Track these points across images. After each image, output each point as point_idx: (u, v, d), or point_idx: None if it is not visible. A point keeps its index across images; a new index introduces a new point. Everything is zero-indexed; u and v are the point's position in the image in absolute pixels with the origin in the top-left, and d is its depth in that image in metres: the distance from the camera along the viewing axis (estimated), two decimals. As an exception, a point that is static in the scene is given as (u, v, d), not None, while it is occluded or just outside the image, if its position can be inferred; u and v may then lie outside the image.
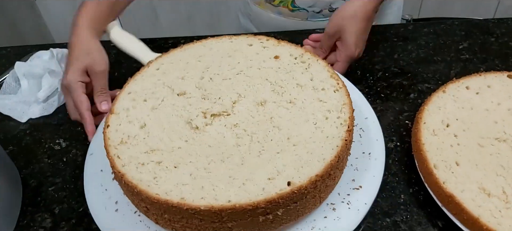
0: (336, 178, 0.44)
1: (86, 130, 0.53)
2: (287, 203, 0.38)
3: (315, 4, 0.77)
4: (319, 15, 0.79)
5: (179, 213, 0.38)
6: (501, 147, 0.50)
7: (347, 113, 0.44)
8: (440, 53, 0.69)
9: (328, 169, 0.40)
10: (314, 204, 0.42)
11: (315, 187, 0.39)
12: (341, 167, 0.44)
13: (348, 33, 0.59)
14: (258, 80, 0.49)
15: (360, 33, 0.60)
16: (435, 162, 0.48)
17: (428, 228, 0.46)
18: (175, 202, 0.37)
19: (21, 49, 0.80)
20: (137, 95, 0.49)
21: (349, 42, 0.59)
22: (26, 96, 0.67)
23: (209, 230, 0.39)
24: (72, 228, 0.49)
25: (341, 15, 0.60)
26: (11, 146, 0.61)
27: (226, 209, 0.37)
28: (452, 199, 0.45)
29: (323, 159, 0.40)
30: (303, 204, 0.40)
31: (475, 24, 0.75)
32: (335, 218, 0.44)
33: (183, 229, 0.40)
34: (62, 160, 0.58)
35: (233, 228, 0.39)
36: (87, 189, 0.48)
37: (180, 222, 0.40)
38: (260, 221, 0.39)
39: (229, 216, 0.38)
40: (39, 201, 0.53)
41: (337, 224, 0.43)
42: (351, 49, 0.59)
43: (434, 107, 0.55)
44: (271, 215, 0.39)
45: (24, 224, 0.51)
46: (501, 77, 0.58)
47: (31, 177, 0.56)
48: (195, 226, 0.39)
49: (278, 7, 0.80)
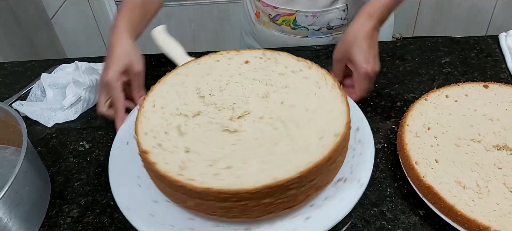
0: (344, 152, 0.52)
1: (116, 123, 0.61)
2: (321, 170, 0.46)
3: (314, 23, 0.85)
4: (318, 32, 0.87)
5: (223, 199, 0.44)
6: (476, 147, 0.57)
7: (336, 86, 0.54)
8: (424, 67, 0.76)
9: (345, 135, 0.48)
10: (333, 174, 0.51)
11: (339, 149, 0.48)
12: (346, 144, 0.52)
13: (354, 53, 0.62)
14: (248, 82, 0.57)
15: (367, 50, 0.62)
16: (416, 159, 0.55)
17: (410, 216, 0.53)
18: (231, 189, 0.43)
19: (44, 63, 0.88)
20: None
21: (358, 60, 0.61)
22: (51, 104, 0.74)
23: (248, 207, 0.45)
24: (96, 217, 0.56)
25: (344, 39, 0.64)
26: (39, 147, 0.67)
27: (293, 178, 0.43)
28: (430, 190, 0.51)
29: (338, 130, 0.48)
30: (335, 165, 0.49)
31: (457, 41, 0.82)
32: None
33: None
34: (86, 159, 0.64)
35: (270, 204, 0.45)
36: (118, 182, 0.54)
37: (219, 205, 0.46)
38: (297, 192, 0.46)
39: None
40: (66, 194, 0.59)
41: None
42: (362, 65, 0.61)
43: (417, 113, 0.62)
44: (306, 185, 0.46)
45: (53, 214, 0.57)
46: (477, 87, 0.66)
47: (58, 174, 0.62)
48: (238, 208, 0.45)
49: (281, 25, 0.88)
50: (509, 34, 0.80)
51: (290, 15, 0.85)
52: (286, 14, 0.85)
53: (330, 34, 0.87)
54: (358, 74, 0.62)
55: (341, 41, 0.64)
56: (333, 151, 0.46)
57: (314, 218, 0.48)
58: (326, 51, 0.83)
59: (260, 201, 0.44)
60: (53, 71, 0.81)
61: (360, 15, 0.64)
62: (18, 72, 0.86)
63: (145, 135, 0.50)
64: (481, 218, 0.48)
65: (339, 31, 0.87)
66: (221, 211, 0.46)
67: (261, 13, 0.89)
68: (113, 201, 0.57)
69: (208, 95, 0.56)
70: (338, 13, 0.83)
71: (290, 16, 0.85)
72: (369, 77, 0.62)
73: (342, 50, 0.64)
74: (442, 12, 1.93)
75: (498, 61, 0.76)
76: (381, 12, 0.65)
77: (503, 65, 0.75)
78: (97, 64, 0.80)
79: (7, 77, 0.85)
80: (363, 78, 0.62)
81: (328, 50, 0.83)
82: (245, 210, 0.45)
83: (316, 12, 0.83)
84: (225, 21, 1.89)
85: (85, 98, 0.73)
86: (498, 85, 0.65)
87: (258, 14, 0.90)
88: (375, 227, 0.52)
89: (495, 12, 1.89)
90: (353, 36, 0.62)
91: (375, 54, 0.63)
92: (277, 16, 0.86)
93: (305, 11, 0.83)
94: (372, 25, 0.63)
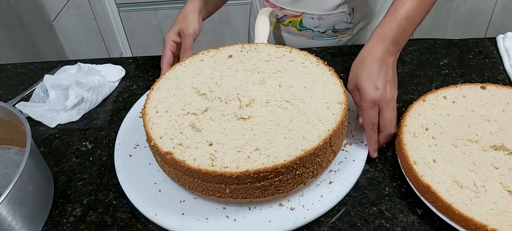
0: (343, 133, 0.57)
1: (161, 73, 0.70)
2: (338, 134, 0.53)
3: (320, 26, 0.86)
4: (323, 35, 0.88)
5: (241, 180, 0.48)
6: (473, 147, 0.58)
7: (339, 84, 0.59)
8: (422, 68, 0.77)
9: (347, 102, 0.55)
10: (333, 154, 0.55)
11: (347, 113, 0.55)
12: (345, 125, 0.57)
13: (362, 80, 0.56)
14: (240, 73, 0.61)
15: (376, 75, 0.55)
16: (414, 159, 0.56)
17: (409, 215, 0.53)
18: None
19: (47, 64, 0.89)
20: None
21: (364, 86, 0.55)
22: (54, 104, 0.75)
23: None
24: (99, 216, 0.56)
25: (353, 65, 0.59)
26: (42, 148, 0.68)
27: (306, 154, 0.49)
28: (428, 189, 0.52)
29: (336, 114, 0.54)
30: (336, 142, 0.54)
31: (455, 43, 0.83)
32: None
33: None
34: (88, 159, 0.65)
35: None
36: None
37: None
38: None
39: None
40: (69, 193, 0.60)
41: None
42: (369, 93, 0.55)
43: (415, 114, 0.62)
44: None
45: (56, 213, 0.58)
46: (475, 88, 0.66)
47: (61, 174, 0.63)
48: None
49: (287, 26, 0.89)
50: (507, 36, 0.81)
51: (296, 16, 0.86)
52: (293, 15, 0.86)
53: (335, 37, 0.88)
54: (363, 102, 0.56)
55: (351, 69, 0.59)
56: (343, 116, 0.53)
57: (336, 182, 0.54)
58: (327, 52, 0.84)
59: (294, 172, 0.49)
60: (55, 72, 0.82)
61: (371, 38, 0.58)
62: (21, 74, 0.87)
63: (160, 139, 0.52)
64: (478, 217, 0.48)
65: (344, 34, 0.88)
66: (257, 192, 0.49)
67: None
68: (115, 200, 0.58)
69: (209, 91, 0.59)
70: (343, 16, 0.84)
71: (296, 17, 0.86)
72: (375, 104, 0.55)
73: (353, 78, 0.58)
74: (440, 15, 1.94)
75: (495, 63, 0.77)
76: (395, 34, 0.57)
77: (500, 67, 0.76)
78: (99, 65, 0.81)
79: (10, 78, 0.86)
80: (369, 107, 0.55)
81: (328, 51, 0.84)
82: (280, 185, 0.50)
83: (322, 14, 0.84)
84: (225, 23, 1.90)
85: (88, 99, 0.73)
86: (495, 86, 0.66)
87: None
88: (374, 226, 0.52)
89: (493, 16, 1.90)
90: (361, 61, 0.57)
91: (388, 80, 0.56)
92: (284, 17, 0.88)
93: (311, 14, 0.84)
94: (384, 49, 0.57)
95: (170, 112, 0.56)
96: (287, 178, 0.49)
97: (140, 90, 0.78)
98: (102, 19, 1.85)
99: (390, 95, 0.56)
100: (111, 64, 0.82)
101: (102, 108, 0.75)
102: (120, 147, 0.62)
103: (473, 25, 1.96)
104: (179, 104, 0.58)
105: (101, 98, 0.76)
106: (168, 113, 0.56)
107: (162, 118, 0.55)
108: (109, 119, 0.73)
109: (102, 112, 0.74)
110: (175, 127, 0.54)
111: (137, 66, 0.85)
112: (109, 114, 0.74)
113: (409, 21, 0.58)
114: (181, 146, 0.51)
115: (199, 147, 0.51)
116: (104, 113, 0.74)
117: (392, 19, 0.58)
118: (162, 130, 0.54)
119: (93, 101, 0.75)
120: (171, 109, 0.57)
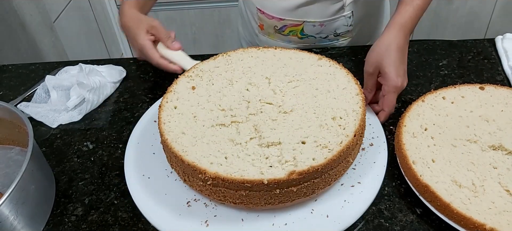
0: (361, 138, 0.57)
1: (168, 70, 0.70)
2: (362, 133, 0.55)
3: (321, 32, 0.84)
4: (325, 40, 0.86)
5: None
6: (472, 147, 0.58)
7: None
8: (422, 69, 0.78)
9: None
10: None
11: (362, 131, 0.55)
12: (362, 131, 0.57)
13: (386, 66, 0.60)
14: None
15: (398, 63, 0.60)
16: (413, 159, 0.56)
17: (408, 214, 0.54)
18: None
19: (48, 65, 0.89)
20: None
21: (390, 73, 0.60)
22: (55, 105, 0.75)
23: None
24: (100, 216, 0.57)
25: (376, 51, 0.62)
26: (44, 148, 0.69)
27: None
28: (427, 189, 0.52)
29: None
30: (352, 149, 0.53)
31: (454, 44, 0.84)
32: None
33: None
34: (90, 159, 0.66)
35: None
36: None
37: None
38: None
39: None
40: (70, 193, 0.60)
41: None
42: (394, 79, 0.60)
43: (414, 114, 0.63)
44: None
45: (57, 213, 0.58)
46: (473, 89, 0.67)
47: (63, 173, 0.64)
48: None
49: (288, 36, 0.86)
50: (505, 37, 0.81)
51: (297, 25, 0.84)
52: (293, 25, 0.84)
53: (337, 40, 0.88)
54: (388, 87, 0.60)
55: (372, 52, 0.62)
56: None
57: (358, 186, 0.54)
58: (327, 53, 0.84)
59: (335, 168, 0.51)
60: (57, 73, 0.82)
61: (392, 25, 0.62)
62: (22, 75, 0.87)
63: (209, 163, 0.50)
64: (476, 216, 0.49)
65: (345, 37, 0.87)
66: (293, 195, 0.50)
67: (265, 25, 0.87)
68: (116, 200, 0.59)
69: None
70: (344, 20, 0.83)
71: (297, 26, 0.84)
72: (398, 91, 0.61)
73: (375, 61, 0.61)
74: (440, 17, 1.94)
75: (494, 63, 0.78)
76: (412, 23, 0.63)
77: (499, 67, 0.77)
78: (100, 66, 0.82)
79: (12, 79, 0.86)
80: (393, 92, 0.61)
81: (328, 53, 0.84)
82: (313, 186, 0.50)
83: (323, 21, 0.82)
84: (225, 25, 1.90)
85: (89, 100, 0.74)
86: (494, 87, 0.66)
87: (262, 26, 0.88)
88: (373, 225, 0.53)
89: (492, 18, 1.91)
90: (385, 48, 0.61)
91: (405, 69, 0.62)
92: (284, 27, 0.85)
93: (312, 21, 0.82)
94: (404, 37, 0.61)
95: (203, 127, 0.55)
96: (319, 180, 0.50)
97: (141, 90, 0.79)
98: (103, 20, 1.86)
99: (405, 83, 0.62)
100: (112, 65, 0.83)
101: (103, 109, 0.76)
102: (132, 184, 0.57)
103: (472, 27, 1.96)
104: (209, 118, 0.56)
105: (102, 98, 0.77)
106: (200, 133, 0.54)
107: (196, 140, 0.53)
108: (110, 119, 0.73)
109: (103, 112, 0.75)
110: (210, 144, 0.52)
111: (138, 67, 0.85)
112: (110, 114, 0.74)
113: (422, 10, 0.64)
114: (226, 160, 0.50)
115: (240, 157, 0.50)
116: (105, 113, 0.75)
117: (409, 8, 0.63)
118: (202, 153, 0.51)
119: (95, 101, 0.75)
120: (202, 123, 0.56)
